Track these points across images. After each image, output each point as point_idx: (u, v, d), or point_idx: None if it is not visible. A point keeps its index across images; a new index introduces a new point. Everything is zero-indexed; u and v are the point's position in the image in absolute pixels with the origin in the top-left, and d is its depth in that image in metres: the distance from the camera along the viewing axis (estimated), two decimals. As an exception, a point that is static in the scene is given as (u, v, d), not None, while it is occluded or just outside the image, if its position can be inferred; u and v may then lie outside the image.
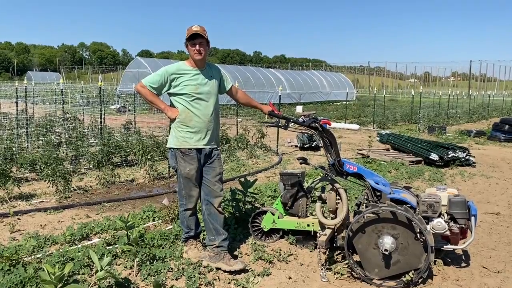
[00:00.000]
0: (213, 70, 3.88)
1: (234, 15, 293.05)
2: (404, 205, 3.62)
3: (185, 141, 3.70)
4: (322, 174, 4.13)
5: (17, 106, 11.20)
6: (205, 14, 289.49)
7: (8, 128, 10.81)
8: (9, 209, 5.32)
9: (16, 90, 11.71)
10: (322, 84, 36.14)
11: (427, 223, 3.62)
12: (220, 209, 3.81)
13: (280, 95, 12.69)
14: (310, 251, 4.22)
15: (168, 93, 3.76)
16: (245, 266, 3.70)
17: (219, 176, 3.83)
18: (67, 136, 9.43)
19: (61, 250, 3.96)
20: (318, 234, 3.96)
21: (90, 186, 6.71)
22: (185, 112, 3.69)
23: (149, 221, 5.02)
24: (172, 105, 3.79)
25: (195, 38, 3.64)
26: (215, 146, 3.86)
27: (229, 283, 3.54)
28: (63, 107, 10.29)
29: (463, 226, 3.70)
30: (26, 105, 10.80)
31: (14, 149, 7.85)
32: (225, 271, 3.67)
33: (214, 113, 3.81)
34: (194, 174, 3.72)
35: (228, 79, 4.10)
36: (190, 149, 3.70)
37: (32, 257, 3.85)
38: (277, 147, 10.50)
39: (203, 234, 4.15)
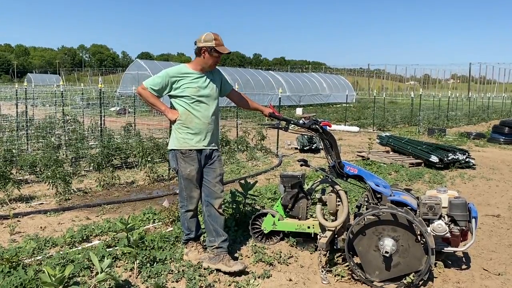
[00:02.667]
0: (214, 73, 3.89)
1: (233, 18, 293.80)
2: (405, 207, 3.62)
3: (185, 142, 3.71)
4: (322, 176, 4.13)
5: (17, 108, 11.21)
6: (205, 17, 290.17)
7: (8, 130, 10.82)
8: (9, 211, 5.32)
9: (16, 92, 11.72)
10: (322, 86, 36.19)
11: (428, 225, 3.62)
12: (220, 210, 3.81)
13: (280, 97, 12.71)
14: (311, 253, 4.21)
15: (169, 95, 3.79)
16: (245, 267, 3.69)
17: (219, 177, 3.83)
18: (67, 138, 9.42)
19: (61, 252, 3.95)
20: (318, 236, 3.95)
21: (90, 188, 6.70)
22: (186, 114, 3.71)
23: (149, 223, 5.02)
24: (172, 107, 3.82)
25: (222, 53, 3.70)
26: (216, 148, 3.87)
27: (229, 285, 3.53)
28: (63, 109, 10.30)
29: (464, 228, 3.70)
30: (26, 107, 10.81)
31: (14, 151, 7.85)
32: (224, 272, 3.66)
33: (215, 115, 3.84)
34: (194, 175, 3.73)
35: (228, 82, 4.11)
36: (191, 150, 3.71)
37: (32, 259, 3.85)
38: (277, 149, 10.50)
39: (204, 236, 4.15)
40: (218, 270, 3.70)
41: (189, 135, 3.71)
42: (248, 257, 4.09)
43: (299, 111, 23.85)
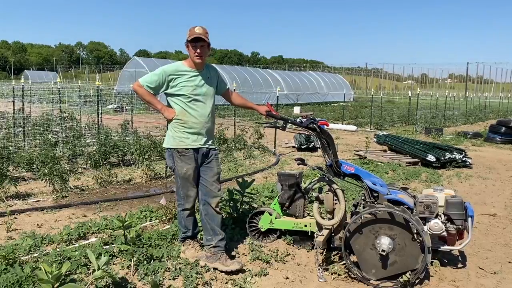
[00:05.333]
0: (211, 71, 3.88)
1: (232, 15, 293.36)
2: (401, 206, 3.63)
3: (181, 141, 3.70)
4: (319, 175, 4.14)
5: (14, 105, 11.16)
6: (202, 14, 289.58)
7: (5, 127, 10.77)
8: (6, 208, 5.31)
9: (13, 89, 11.67)
10: (319, 85, 36.21)
11: (424, 224, 3.64)
12: (217, 209, 3.80)
13: (277, 96, 12.71)
14: (308, 252, 4.22)
15: (165, 93, 3.76)
16: (241, 266, 3.70)
17: (217, 176, 3.83)
18: (64, 136, 9.40)
19: (58, 250, 3.95)
20: (315, 235, 3.96)
21: (87, 186, 6.69)
22: (182, 113, 3.69)
23: (146, 221, 5.02)
24: (168, 105, 3.79)
25: (197, 41, 3.63)
26: (213, 146, 3.87)
27: (226, 283, 3.54)
28: (60, 107, 10.27)
29: (460, 227, 3.72)
30: (23, 104, 10.78)
31: (11, 148, 7.82)
32: (221, 271, 3.67)
33: (211, 113, 3.83)
34: (191, 174, 3.72)
35: (224, 81, 4.10)
36: (187, 149, 3.70)
37: (29, 256, 3.85)
38: (274, 148, 10.50)
39: (201, 234, 4.15)
40: (215, 269, 3.70)
41: (185, 134, 3.70)
42: (245, 255, 4.10)
43: (297, 109, 23.86)
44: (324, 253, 4.01)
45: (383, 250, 3.42)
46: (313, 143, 10.61)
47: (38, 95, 19.00)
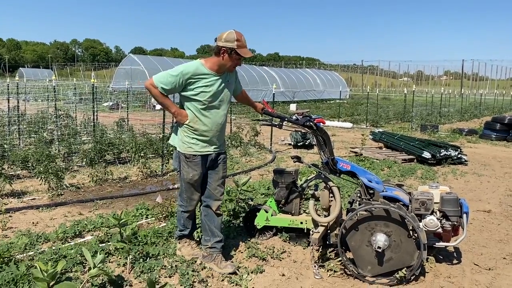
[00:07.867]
0: (230, 74, 3.68)
1: (227, 12, 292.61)
2: (397, 203, 3.64)
3: (190, 147, 3.57)
4: (315, 172, 4.14)
5: (8, 103, 11.09)
6: (198, 11, 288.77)
7: (0, 125, 10.70)
8: (1, 206, 5.28)
9: (8, 86, 11.59)
10: (315, 82, 36.23)
11: (420, 221, 3.65)
12: (218, 211, 3.77)
13: (274, 93, 12.69)
14: (303, 249, 4.23)
15: (179, 93, 3.56)
16: (235, 269, 3.67)
17: (221, 180, 3.75)
18: (59, 133, 9.36)
19: (53, 248, 3.94)
20: (311, 232, 3.97)
21: (82, 184, 6.67)
22: (194, 120, 3.53)
23: (142, 218, 5.01)
24: (181, 106, 3.62)
25: (243, 57, 3.48)
26: (222, 150, 3.76)
27: (222, 280, 3.54)
28: (55, 104, 10.22)
29: (455, 223, 3.74)
30: (18, 102, 10.71)
31: (5, 146, 7.77)
32: (215, 272, 3.67)
33: (224, 119, 3.67)
34: (197, 180, 3.63)
35: (240, 82, 3.93)
36: (195, 155, 3.58)
37: (24, 254, 3.83)
38: (270, 145, 10.50)
39: (197, 232, 4.15)
40: (210, 268, 3.70)
41: (194, 140, 3.56)
42: (241, 252, 4.10)
43: (293, 107, 23.87)
44: (320, 250, 4.02)
45: (378, 247, 3.43)
46: (309, 141, 10.63)
47: (33, 93, 18.90)
